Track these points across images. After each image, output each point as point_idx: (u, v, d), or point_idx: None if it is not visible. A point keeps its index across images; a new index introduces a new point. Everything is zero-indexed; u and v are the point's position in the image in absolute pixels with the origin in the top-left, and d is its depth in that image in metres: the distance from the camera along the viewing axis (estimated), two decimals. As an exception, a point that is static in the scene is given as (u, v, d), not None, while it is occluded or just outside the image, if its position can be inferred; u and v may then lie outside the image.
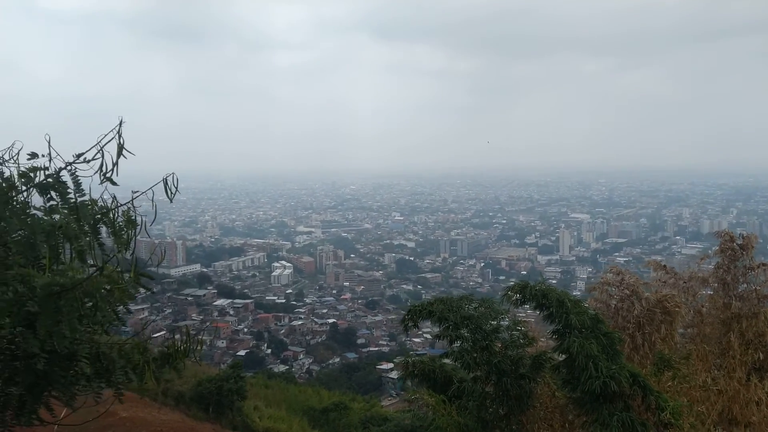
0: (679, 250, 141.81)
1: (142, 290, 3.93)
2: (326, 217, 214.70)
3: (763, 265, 11.58)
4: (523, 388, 9.03)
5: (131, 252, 3.54)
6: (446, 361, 10.39)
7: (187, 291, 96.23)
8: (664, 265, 12.93)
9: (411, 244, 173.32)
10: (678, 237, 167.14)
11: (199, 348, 4.05)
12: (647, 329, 10.16)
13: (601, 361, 7.57)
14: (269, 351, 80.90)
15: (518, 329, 9.69)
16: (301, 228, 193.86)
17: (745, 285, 11.14)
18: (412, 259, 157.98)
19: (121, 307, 3.69)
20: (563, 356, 8.27)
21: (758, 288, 11.16)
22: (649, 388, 7.61)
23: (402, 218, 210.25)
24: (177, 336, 3.84)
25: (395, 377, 46.62)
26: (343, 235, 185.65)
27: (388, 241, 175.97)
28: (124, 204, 3.54)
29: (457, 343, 9.55)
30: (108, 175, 3.35)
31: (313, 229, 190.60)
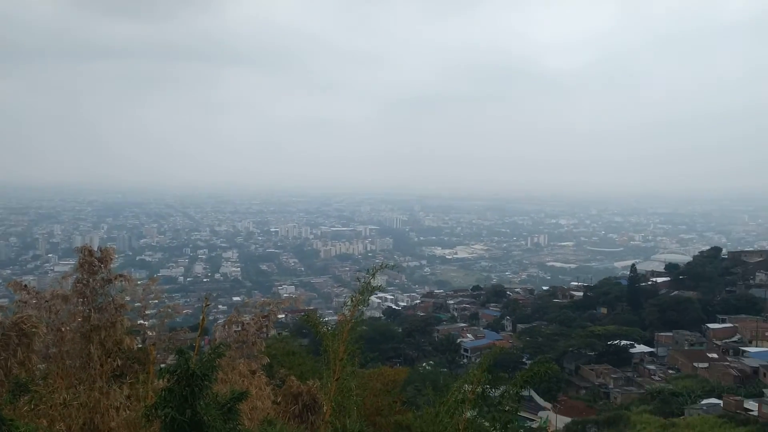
0: (52, 267, 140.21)
1: None
2: None
3: (121, 276, 12.50)
4: None
5: None
6: None
7: None
8: (25, 285, 12.42)
9: None
10: (51, 254, 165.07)
11: None
12: (3, 355, 9.53)
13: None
14: None
15: None
16: None
17: (104, 297, 11.76)
18: None
19: None
20: None
21: (116, 298, 11.96)
22: (1, 418, 7.11)
23: None
24: None
25: None
26: None
27: None
28: None
29: None
30: None
31: None
